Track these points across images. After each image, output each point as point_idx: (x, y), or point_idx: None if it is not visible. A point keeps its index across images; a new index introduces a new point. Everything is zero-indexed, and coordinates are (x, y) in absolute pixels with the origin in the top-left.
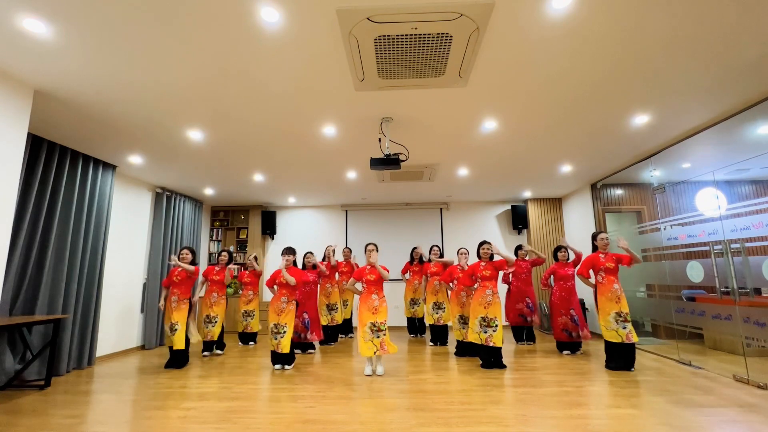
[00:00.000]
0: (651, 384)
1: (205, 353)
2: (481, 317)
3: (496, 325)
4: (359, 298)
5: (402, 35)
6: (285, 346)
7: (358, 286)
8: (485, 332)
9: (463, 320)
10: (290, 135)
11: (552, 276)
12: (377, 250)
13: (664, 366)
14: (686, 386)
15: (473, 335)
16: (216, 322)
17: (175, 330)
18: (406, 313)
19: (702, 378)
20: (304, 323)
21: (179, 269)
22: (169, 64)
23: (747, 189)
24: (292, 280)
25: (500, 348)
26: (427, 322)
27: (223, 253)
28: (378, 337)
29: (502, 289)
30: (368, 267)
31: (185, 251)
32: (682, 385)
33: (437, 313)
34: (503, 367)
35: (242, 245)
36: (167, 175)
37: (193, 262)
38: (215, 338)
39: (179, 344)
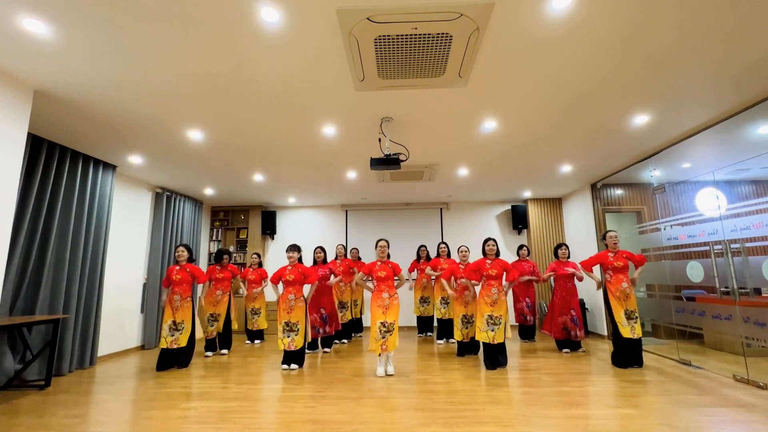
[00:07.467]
0: (651, 384)
1: (208, 353)
2: (488, 315)
3: (501, 323)
4: (371, 296)
5: (402, 35)
6: (299, 343)
7: (370, 284)
8: (492, 330)
9: (467, 320)
10: (290, 135)
11: (552, 275)
12: (389, 247)
13: (664, 366)
14: (686, 386)
15: (481, 334)
16: (218, 320)
17: (182, 329)
18: (416, 312)
19: (702, 378)
20: (322, 318)
21: (177, 268)
22: (169, 63)
23: (747, 189)
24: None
25: (503, 343)
26: (437, 316)
27: (225, 256)
28: (384, 337)
29: None
30: (378, 263)
31: (181, 248)
32: (682, 385)
33: (444, 308)
34: (505, 365)
35: (242, 245)
36: (167, 175)
37: (191, 260)
38: (216, 336)
39: (184, 342)
